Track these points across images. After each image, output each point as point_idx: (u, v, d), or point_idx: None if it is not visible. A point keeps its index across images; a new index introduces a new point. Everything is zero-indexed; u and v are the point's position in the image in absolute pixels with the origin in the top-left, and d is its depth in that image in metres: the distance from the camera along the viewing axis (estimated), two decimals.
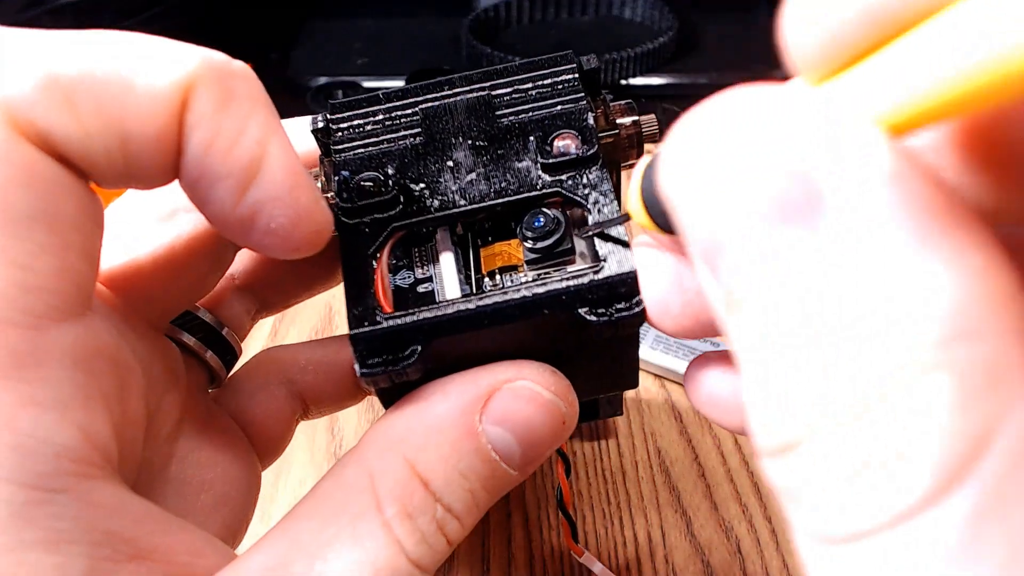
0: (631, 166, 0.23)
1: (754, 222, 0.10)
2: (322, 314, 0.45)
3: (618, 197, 0.20)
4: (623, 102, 0.22)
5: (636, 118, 0.22)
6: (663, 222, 0.15)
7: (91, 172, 0.16)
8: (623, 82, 0.62)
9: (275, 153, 0.17)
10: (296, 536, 0.17)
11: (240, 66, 0.17)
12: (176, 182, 0.17)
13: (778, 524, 0.33)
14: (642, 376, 0.40)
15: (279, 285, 0.26)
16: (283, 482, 0.37)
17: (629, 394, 0.40)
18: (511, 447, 0.18)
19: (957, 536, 0.09)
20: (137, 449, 0.18)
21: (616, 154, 0.22)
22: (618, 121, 0.22)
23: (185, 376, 0.23)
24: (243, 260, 0.25)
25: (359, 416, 0.40)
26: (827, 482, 0.10)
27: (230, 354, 0.25)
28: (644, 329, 0.39)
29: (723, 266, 0.11)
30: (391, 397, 0.20)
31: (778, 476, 0.10)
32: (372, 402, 0.40)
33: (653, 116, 0.22)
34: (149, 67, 0.15)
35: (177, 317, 0.23)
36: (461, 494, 0.18)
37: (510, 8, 0.66)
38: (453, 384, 0.19)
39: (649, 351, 0.40)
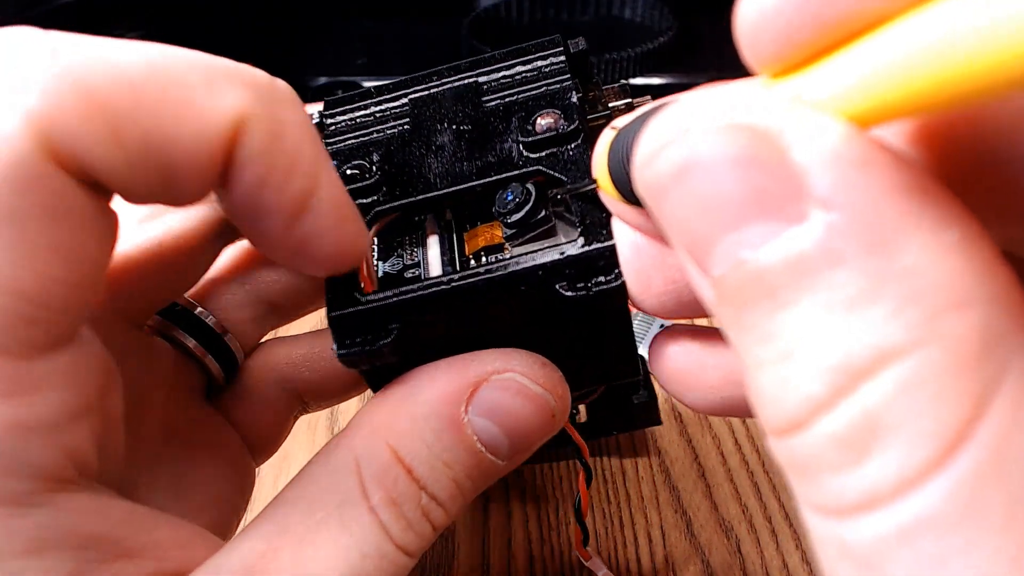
0: None
1: (739, 218, 0.10)
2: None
3: None
4: (616, 84, 0.22)
5: (630, 100, 0.21)
6: (630, 196, 0.15)
7: (123, 194, 0.15)
8: (623, 82, 0.62)
9: (325, 187, 0.16)
10: (284, 521, 0.17)
11: (286, 90, 0.17)
12: None
13: (778, 524, 0.33)
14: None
15: (291, 292, 0.26)
16: (283, 482, 0.37)
17: None
18: (498, 439, 0.18)
19: (958, 500, 0.09)
20: (118, 450, 0.18)
21: None
22: (611, 104, 0.21)
23: (173, 375, 0.23)
24: (254, 268, 0.25)
25: None
26: (834, 456, 0.10)
27: (231, 360, 0.24)
28: (644, 328, 0.39)
29: (712, 262, 0.11)
30: (378, 381, 0.20)
31: (787, 454, 0.11)
32: (369, 398, 0.40)
33: (648, 97, 0.22)
34: (201, 99, 0.15)
35: (180, 318, 0.23)
36: (445, 483, 0.18)
37: (510, 8, 0.66)
38: (440, 371, 0.18)
39: (647, 351, 0.40)
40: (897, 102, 0.09)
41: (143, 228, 0.21)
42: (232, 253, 0.25)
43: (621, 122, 0.16)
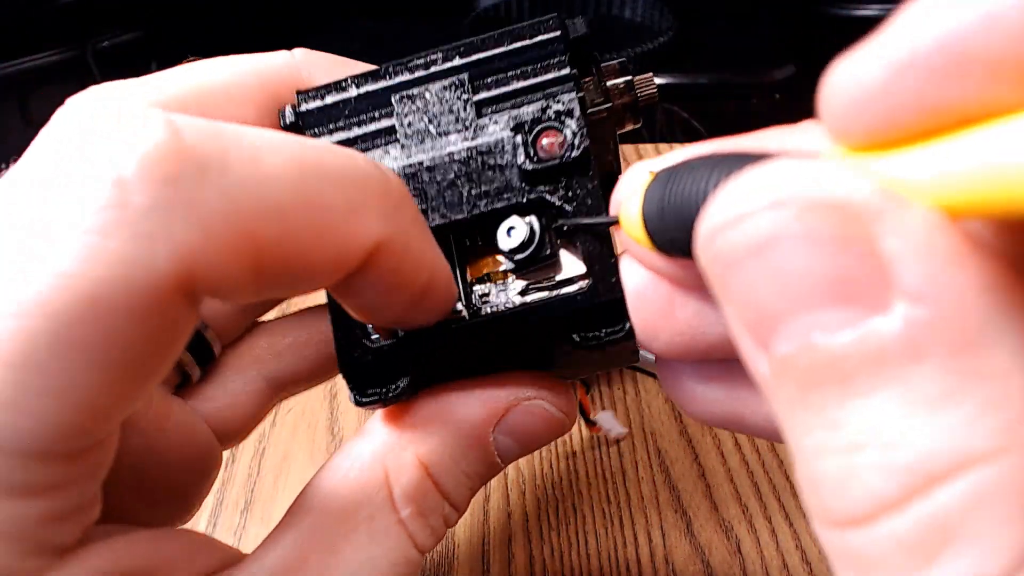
0: (629, 132, 0.21)
1: (817, 300, 0.10)
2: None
3: (608, 182, 0.18)
4: (615, 61, 0.20)
5: (629, 78, 0.20)
6: (664, 244, 0.15)
7: (224, 297, 0.14)
8: (623, 59, 0.62)
9: (439, 276, 0.17)
10: (312, 530, 0.18)
11: (403, 192, 0.16)
12: None
13: (778, 524, 0.33)
14: (642, 376, 0.41)
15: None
16: (283, 482, 0.37)
17: (630, 394, 0.40)
18: (512, 451, 0.19)
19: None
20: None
21: (612, 124, 0.20)
22: (609, 83, 0.20)
23: None
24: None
25: (359, 419, 0.40)
26: (898, 558, 0.10)
27: (207, 355, 0.24)
28: None
29: (777, 340, 0.11)
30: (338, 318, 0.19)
31: (842, 546, 0.10)
32: None
33: (650, 75, 0.20)
34: (344, 228, 0.14)
35: None
36: (463, 492, 0.19)
37: (510, 8, 0.66)
38: (473, 396, 0.19)
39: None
40: (995, 202, 0.09)
41: None
42: None
43: (656, 164, 0.15)
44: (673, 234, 0.14)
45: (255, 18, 0.69)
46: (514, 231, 0.18)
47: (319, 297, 0.19)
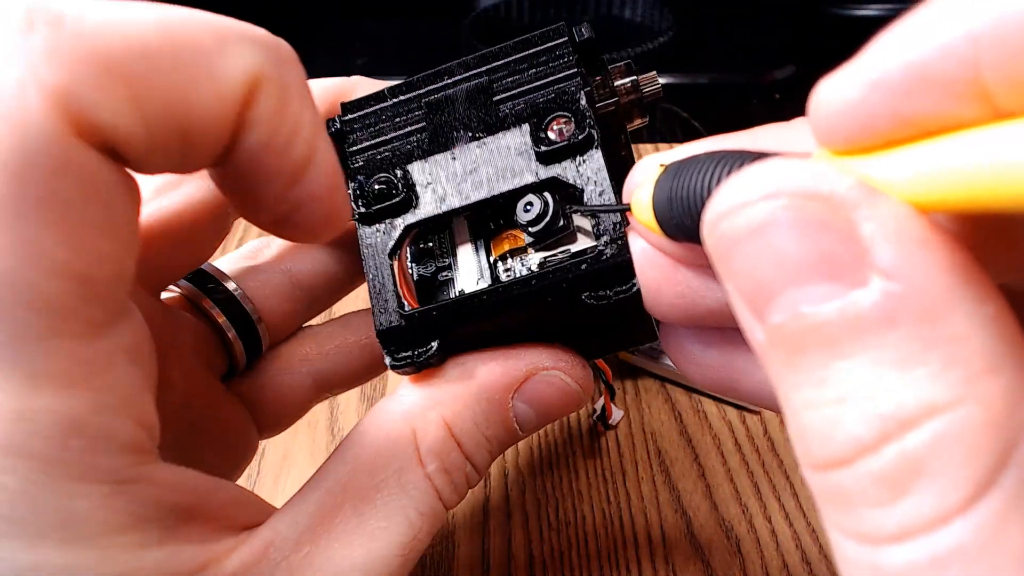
0: (637, 127, 0.24)
1: (805, 275, 0.12)
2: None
3: (620, 172, 0.20)
4: (622, 63, 0.22)
5: (635, 77, 0.22)
6: (671, 229, 0.16)
7: (139, 164, 0.15)
8: (628, 60, 0.62)
9: (322, 154, 0.17)
10: (346, 480, 0.19)
11: (289, 51, 0.17)
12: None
13: (778, 524, 0.33)
14: (642, 376, 0.41)
15: (330, 283, 0.27)
16: (283, 482, 0.37)
17: (630, 394, 0.40)
18: (530, 420, 0.21)
19: (983, 536, 0.10)
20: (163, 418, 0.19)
21: (620, 119, 0.23)
22: (616, 83, 0.22)
23: (192, 349, 0.23)
24: (294, 261, 0.26)
25: (359, 417, 0.40)
26: (875, 492, 0.11)
27: (256, 347, 0.25)
28: None
29: (771, 310, 0.12)
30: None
31: (825, 486, 0.12)
32: (371, 400, 0.40)
33: (654, 73, 0.23)
34: (216, 62, 0.15)
35: (219, 299, 0.24)
36: (484, 454, 0.21)
37: (510, 8, 0.66)
38: (496, 362, 0.21)
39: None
40: (955, 200, 0.11)
41: (161, 199, 0.21)
42: (277, 244, 0.26)
43: (665, 158, 0.17)
44: (680, 220, 0.16)
45: (255, 18, 0.69)
46: (531, 206, 0.20)
47: (361, 302, 0.21)
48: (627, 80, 0.22)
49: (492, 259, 0.22)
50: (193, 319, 0.24)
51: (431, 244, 0.23)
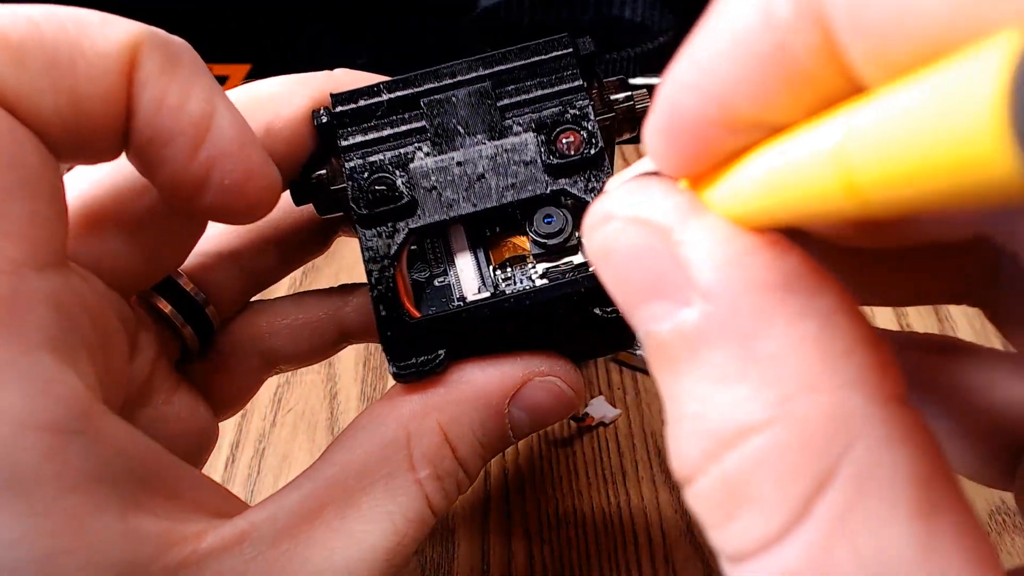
0: (626, 141, 0.24)
1: (645, 295, 0.12)
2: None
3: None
4: (615, 78, 0.23)
5: (629, 93, 0.22)
6: None
7: (42, 133, 0.16)
8: (622, 76, 0.62)
9: (223, 111, 0.17)
10: (331, 481, 0.19)
11: (180, 40, 0.18)
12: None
13: None
14: (642, 376, 0.41)
15: (265, 257, 0.26)
16: (283, 482, 0.37)
17: (630, 394, 0.40)
18: (524, 426, 0.21)
19: (809, 561, 0.10)
20: (118, 408, 0.19)
21: (611, 133, 0.23)
22: (612, 97, 0.22)
23: (154, 343, 0.23)
24: (231, 237, 0.25)
25: None
26: (709, 514, 0.11)
27: (208, 331, 0.25)
28: None
29: (634, 325, 0.13)
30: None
31: (689, 502, 0.12)
32: (371, 400, 0.40)
33: (644, 90, 0.23)
34: (95, 30, 0.16)
35: (163, 288, 0.23)
36: (477, 460, 0.21)
37: (510, 8, 0.66)
38: (493, 369, 0.21)
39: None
40: (759, 215, 0.11)
41: (133, 202, 0.21)
42: (218, 228, 0.25)
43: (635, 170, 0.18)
44: None
45: (255, 18, 0.69)
46: (551, 219, 0.21)
47: (317, 282, 0.19)
48: (621, 95, 0.22)
49: (492, 266, 0.22)
50: (144, 313, 0.23)
51: (424, 247, 0.22)
